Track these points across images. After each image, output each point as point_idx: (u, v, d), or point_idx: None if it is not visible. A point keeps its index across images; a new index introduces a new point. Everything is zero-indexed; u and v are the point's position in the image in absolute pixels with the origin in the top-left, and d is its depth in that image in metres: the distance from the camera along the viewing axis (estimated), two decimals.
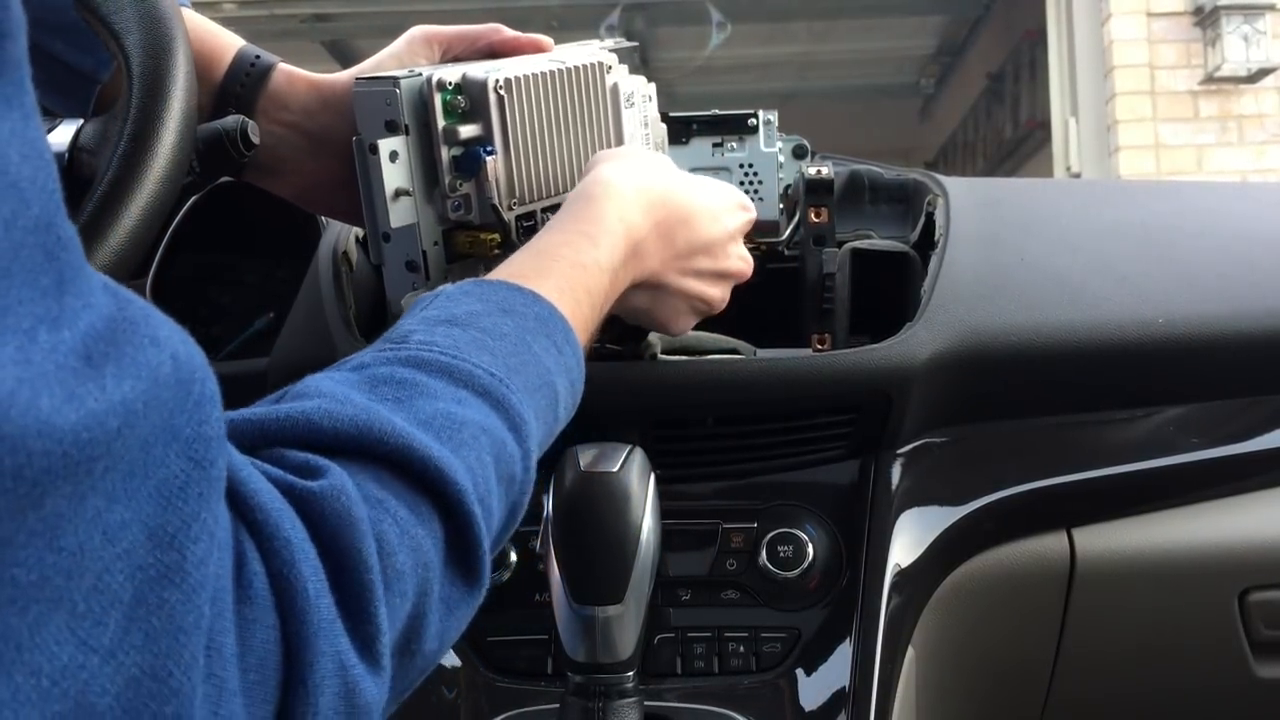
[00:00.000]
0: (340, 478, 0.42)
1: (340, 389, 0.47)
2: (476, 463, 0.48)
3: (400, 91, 0.72)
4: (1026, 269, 0.92)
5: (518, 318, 0.57)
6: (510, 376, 0.52)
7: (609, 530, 0.68)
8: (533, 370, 0.55)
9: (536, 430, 0.54)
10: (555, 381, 0.57)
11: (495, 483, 0.49)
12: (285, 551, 0.38)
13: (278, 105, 0.78)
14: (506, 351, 0.54)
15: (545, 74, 0.76)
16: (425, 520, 0.45)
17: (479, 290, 0.58)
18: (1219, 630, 0.94)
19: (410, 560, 0.43)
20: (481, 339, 0.53)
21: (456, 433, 0.47)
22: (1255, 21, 4.12)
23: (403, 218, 0.74)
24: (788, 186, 0.99)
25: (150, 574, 0.32)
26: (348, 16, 5.81)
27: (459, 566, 0.47)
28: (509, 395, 0.51)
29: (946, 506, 0.87)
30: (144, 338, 0.33)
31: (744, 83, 6.82)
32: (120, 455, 0.31)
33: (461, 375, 0.50)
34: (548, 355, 0.57)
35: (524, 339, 0.55)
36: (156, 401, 0.33)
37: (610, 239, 0.67)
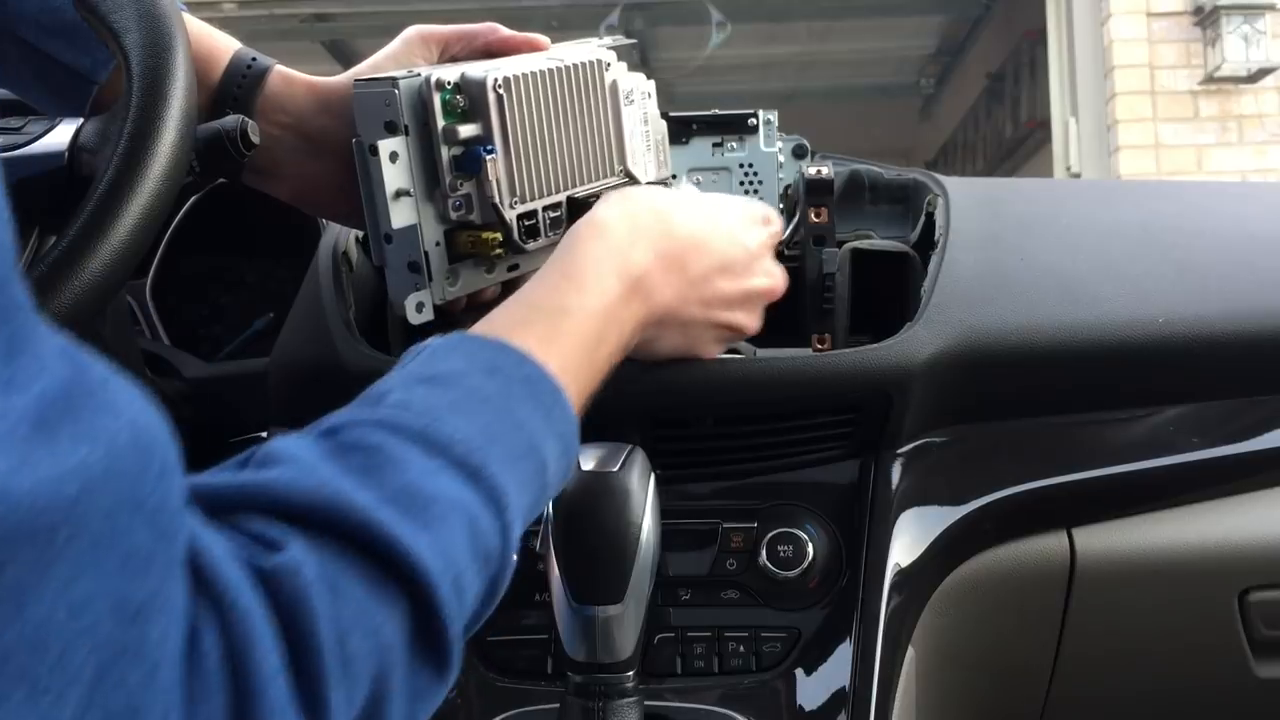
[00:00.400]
0: (300, 554, 0.40)
1: (308, 456, 0.45)
2: (447, 541, 0.46)
3: (399, 92, 0.72)
4: (1026, 269, 0.92)
5: (502, 379, 0.54)
6: (489, 445, 0.50)
7: (609, 530, 0.68)
8: (516, 437, 0.52)
9: (519, 500, 0.51)
10: (542, 447, 0.54)
11: (469, 560, 0.47)
12: (241, 627, 0.37)
13: (275, 107, 0.78)
14: (487, 417, 0.51)
15: (544, 72, 0.76)
16: (387, 604, 0.43)
17: (465, 346, 0.56)
18: (1219, 630, 0.94)
19: (366, 645, 0.42)
20: (461, 402, 0.51)
21: (426, 509, 0.45)
22: (1255, 21, 4.12)
23: (404, 218, 0.74)
24: (788, 186, 0.99)
25: (112, 651, 0.32)
26: (348, 16, 5.81)
27: (425, 652, 0.45)
28: (485, 466, 0.49)
29: (946, 506, 0.87)
30: (101, 404, 0.33)
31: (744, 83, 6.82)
32: (83, 524, 0.31)
33: (436, 443, 0.48)
34: (533, 419, 0.54)
35: (508, 403, 0.53)
36: (116, 470, 0.32)
37: (598, 281, 0.64)
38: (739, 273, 0.74)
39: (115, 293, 0.63)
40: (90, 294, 0.60)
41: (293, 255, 1.05)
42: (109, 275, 0.60)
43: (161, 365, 0.99)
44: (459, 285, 0.77)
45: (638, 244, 0.68)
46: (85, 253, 0.59)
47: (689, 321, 0.73)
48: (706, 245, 0.71)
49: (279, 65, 0.79)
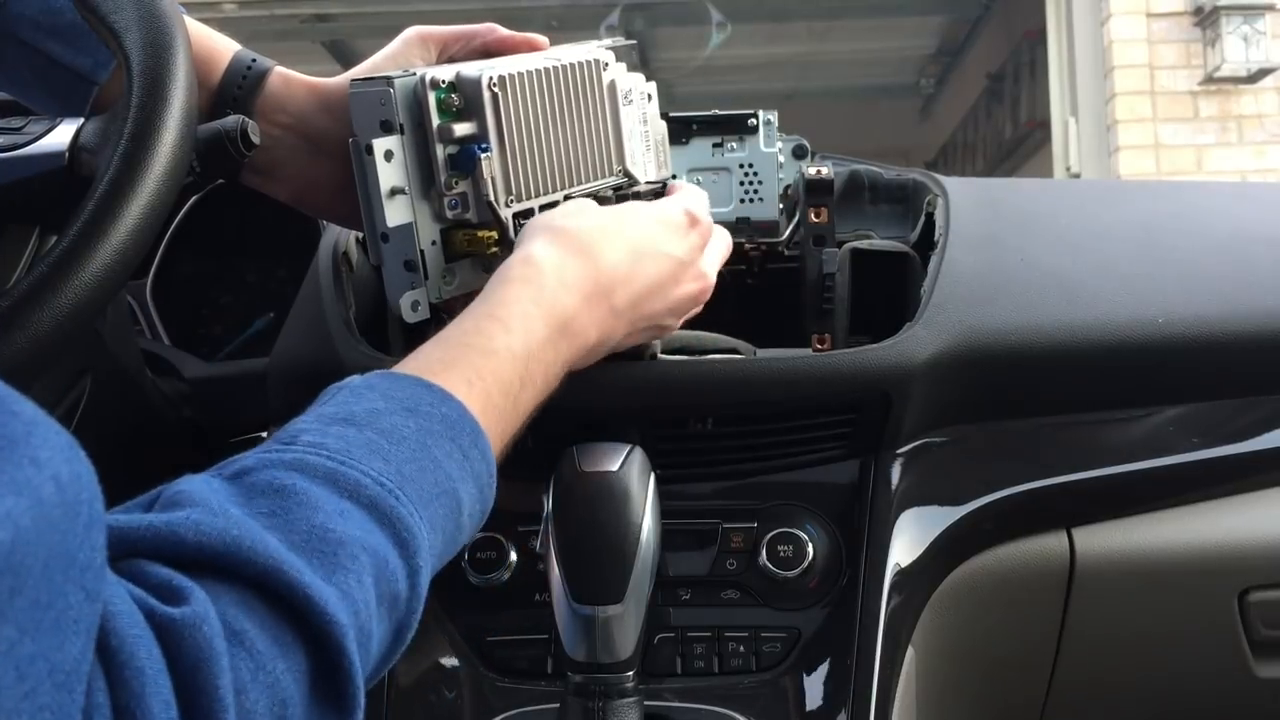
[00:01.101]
0: (203, 605, 0.40)
1: (215, 498, 0.45)
2: (355, 585, 0.45)
3: (394, 91, 0.72)
4: (1026, 269, 0.93)
5: (421, 418, 0.54)
6: (403, 486, 0.50)
7: (609, 530, 0.68)
8: (431, 477, 0.52)
9: (430, 542, 0.51)
10: (458, 489, 0.54)
11: (375, 605, 0.47)
12: (135, 683, 0.36)
13: (275, 108, 0.78)
14: (403, 458, 0.51)
15: (540, 71, 0.76)
16: (288, 653, 0.43)
17: (384, 385, 0.55)
18: (1219, 630, 0.94)
19: (265, 699, 0.41)
20: (376, 442, 0.51)
21: (333, 554, 0.45)
22: (1255, 22, 4.12)
23: (399, 216, 0.74)
24: (788, 186, 0.99)
25: (47, 717, 0.31)
26: (348, 16, 5.81)
27: (327, 702, 0.44)
28: (397, 508, 0.49)
29: (946, 506, 0.87)
30: (22, 457, 0.32)
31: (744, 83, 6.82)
32: (23, 578, 0.30)
33: (347, 484, 0.48)
34: (450, 460, 0.54)
35: (424, 442, 0.53)
36: (45, 522, 0.32)
37: (524, 322, 0.64)
38: (666, 287, 0.73)
39: (116, 292, 0.63)
40: (91, 294, 0.60)
41: (293, 255, 1.05)
42: (109, 275, 0.60)
43: (161, 365, 0.99)
44: (456, 284, 0.77)
45: (566, 286, 0.67)
46: (85, 253, 0.59)
47: (615, 345, 0.73)
48: (634, 274, 0.71)
49: (279, 66, 0.79)
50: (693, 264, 0.75)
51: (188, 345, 1.09)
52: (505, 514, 0.83)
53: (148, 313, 1.10)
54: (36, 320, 0.59)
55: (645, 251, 0.72)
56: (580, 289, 0.68)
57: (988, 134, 6.67)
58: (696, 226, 0.76)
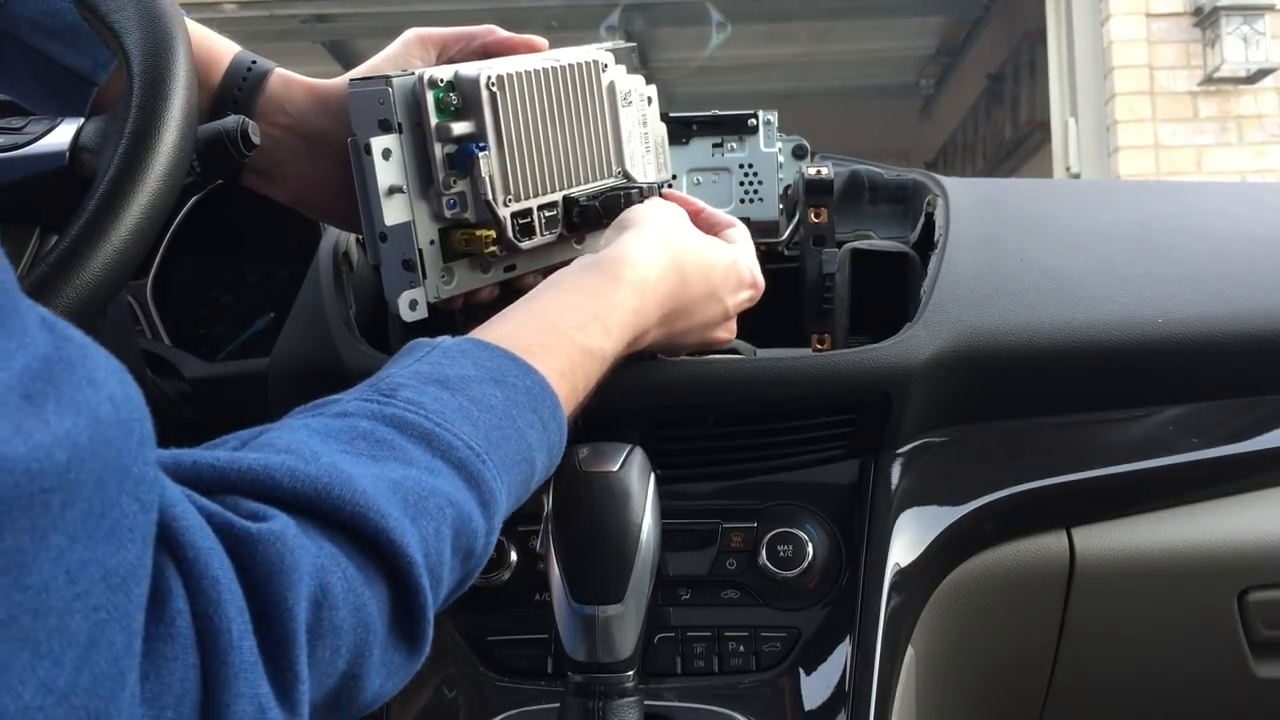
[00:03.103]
0: (284, 525, 0.42)
1: (312, 442, 0.47)
2: (434, 535, 0.48)
3: (393, 90, 0.73)
4: (1026, 269, 0.93)
5: (508, 389, 0.56)
6: (490, 451, 0.53)
7: (609, 530, 0.68)
8: (514, 445, 0.55)
9: (507, 505, 0.54)
10: (535, 458, 0.57)
11: (450, 555, 0.49)
12: (213, 591, 0.38)
13: (275, 109, 0.78)
14: (491, 425, 0.54)
15: (538, 71, 0.76)
16: (373, 583, 0.45)
17: (476, 352, 0.58)
18: (1218, 630, 0.94)
19: (351, 619, 0.44)
20: (468, 408, 0.53)
21: (422, 502, 0.48)
22: (1255, 22, 4.12)
23: (397, 215, 0.74)
24: (788, 186, 0.99)
25: (102, 616, 0.33)
26: (348, 17, 5.81)
27: (402, 633, 0.47)
28: (484, 471, 0.52)
29: (946, 506, 0.87)
30: (81, 378, 0.33)
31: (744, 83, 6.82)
32: (76, 492, 0.32)
33: (441, 444, 0.51)
34: (532, 431, 0.57)
35: (510, 413, 0.56)
36: (102, 440, 0.33)
37: (622, 331, 0.67)
38: (709, 329, 0.77)
39: (116, 292, 0.63)
40: (91, 294, 0.60)
41: (293, 255, 1.05)
42: (110, 275, 0.60)
43: (161, 365, 0.99)
44: (454, 284, 0.77)
45: (660, 303, 0.70)
46: (86, 252, 0.59)
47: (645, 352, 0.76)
48: (696, 308, 0.74)
49: (279, 68, 0.79)
50: (732, 318, 0.79)
51: (188, 345, 1.09)
52: None
53: (148, 313, 1.10)
54: None
55: (715, 293, 0.75)
56: (663, 309, 0.71)
57: (987, 134, 6.67)
58: (754, 288, 0.79)
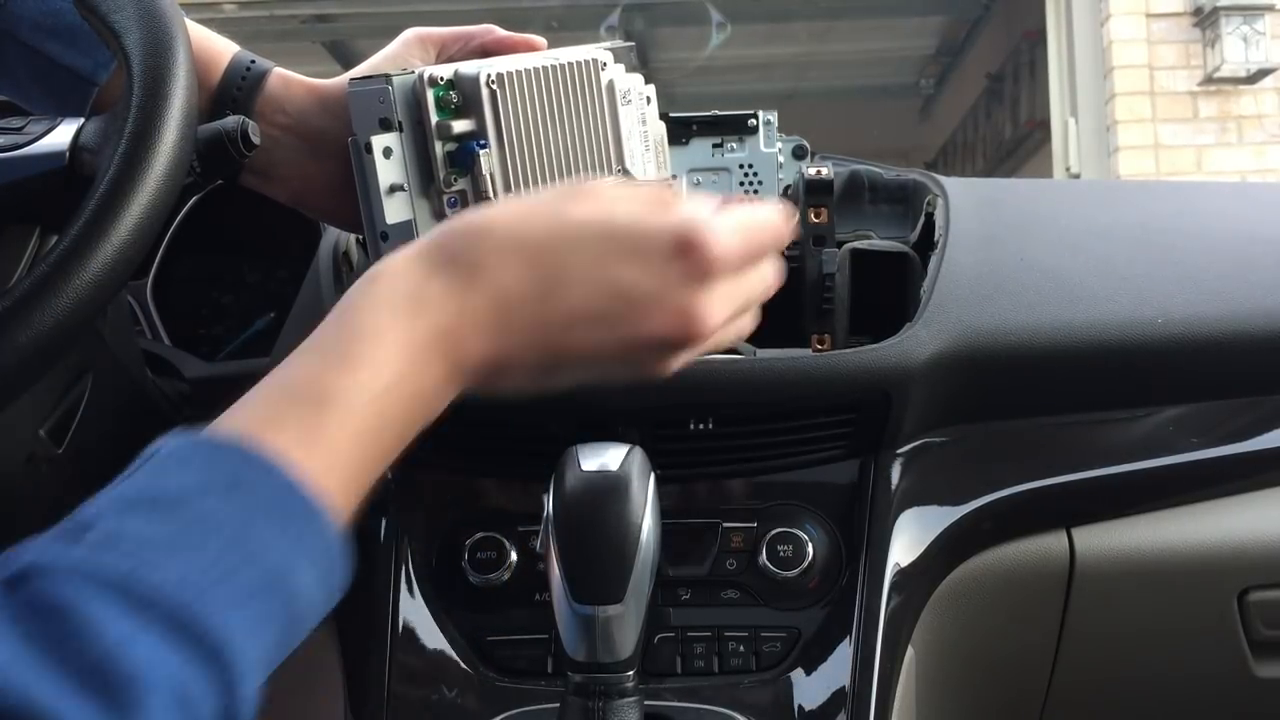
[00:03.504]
0: None
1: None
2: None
3: (393, 89, 0.73)
4: (1026, 269, 0.93)
5: (241, 497, 0.46)
6: (213, 588, 0.43)
7: (609, 530, 0.68)
8: (251, 571, 0.45)
9: (252, 645, 0.44)
10: (292, 576, 0.47)
11: None
12: None
13: (274, 109, 0.78)
14: (217, 549, 0.44)
15: (537, 69, 0.76)
16: None
17: (203, 455, 0.48)
18: (1218, 630, 0.94)
19: None
20: (184, 534, 0.44)
21: (123, 692, 0.39)
22: (1255, 22, 4.12)
23: (399, 214, 0.74)
24: (788, 187, 0.99)
25: None
26: (348, 17, 5.81)
27: None
28: (202, 618, 0.42)
29: (946, 506, 0.87)
30: None
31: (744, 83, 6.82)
32: None
33: (141, 596, 0.41)
34: (280, 544, 0.46)
35: (244, 529, 0.46)
36: None
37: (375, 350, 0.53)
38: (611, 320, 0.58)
39: (116, 292, 0.63)
40: (91, 294, 0.60)
41: (294, 256, 1.05)
42: (110, 275, 0.60)
43: (161, 365, 0.99)
44: None
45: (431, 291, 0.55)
46: (86, 252, 0.59)
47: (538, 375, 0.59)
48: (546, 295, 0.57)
49: (278, 68, 0.80)
50: (666, 298, 0.58)
51: (188, 345, 1.09)
52: (505, 514, 0.84)
53: (148, 313, 1.10)
54: (38, 320, 0.59)
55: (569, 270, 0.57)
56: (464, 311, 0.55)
57: (987, 134, 6.67)
58: (689, 256, 0.57)
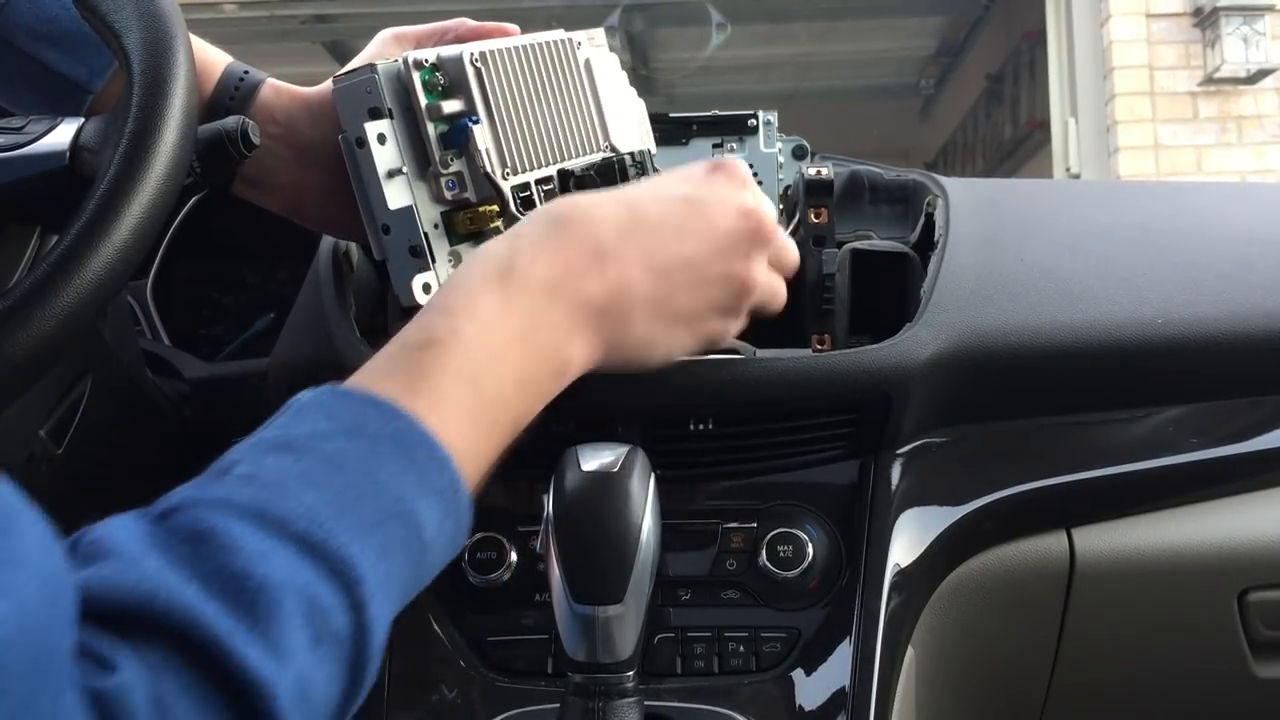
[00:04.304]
0: (129, 675, 0.39)
1: (135, 547, 0.43)
2: (281, 634, 0.43)
3: (379, 77, 0.73)
4: (1026, 269, 0.93)
5: (365, 440, 0.51)
6: (338, 516, 0.47)
7: (609, 530, 0.68)
8: (376, 502, 0.49)
9: (380, 569, 0.48)
10: (414, 508, 0.51)
11: (309, 649, 0.44)
12: None
13: (266, 118, 0.78)
14: (342, 484, 0.48)
15: (517, 48, 0.77)
16: (211, 712, 0.40)
17: (330, 404, 0.53)
18: (1218, 630, 0.94)
19: None
20: (313, 472, 0.48)
21: (256, 600, 0.43)
22: (1255, 22, 4.13)
23: (399, 199, 0.74)
24: (788, 187, 0.99)
25: None
26: (348, 17, 5.82)
27: None
28: (329, 540, 0.46)
29: (946, 506, 0.87)
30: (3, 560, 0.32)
31: (744, 83, 6.82)
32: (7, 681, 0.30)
33: (274, 521, 0.45)
34: (400, 481, 0.50)
35: (368, 466, 0.50)
36: (29, 625, 0.32)
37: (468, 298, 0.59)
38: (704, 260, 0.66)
39: (116, 292, 0.63)
40: (91, 294, 0.60)
41: (294, 256, 1.05)
42: (110, 275, 0.60)
43: (161, 365, 0.99)
44: None
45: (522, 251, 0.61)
46: (86, 252, 0.59)
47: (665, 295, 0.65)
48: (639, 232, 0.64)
49: (270, 78, 0.80)
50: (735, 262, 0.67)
51: (188, 345, 1.09)
52: (505, 514, 0.84)
53: (148, 313, 1.10)
54: (38, 320, 0.59)
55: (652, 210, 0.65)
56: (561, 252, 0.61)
57: (987, 134, 6.68)
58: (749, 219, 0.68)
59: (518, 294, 0.60)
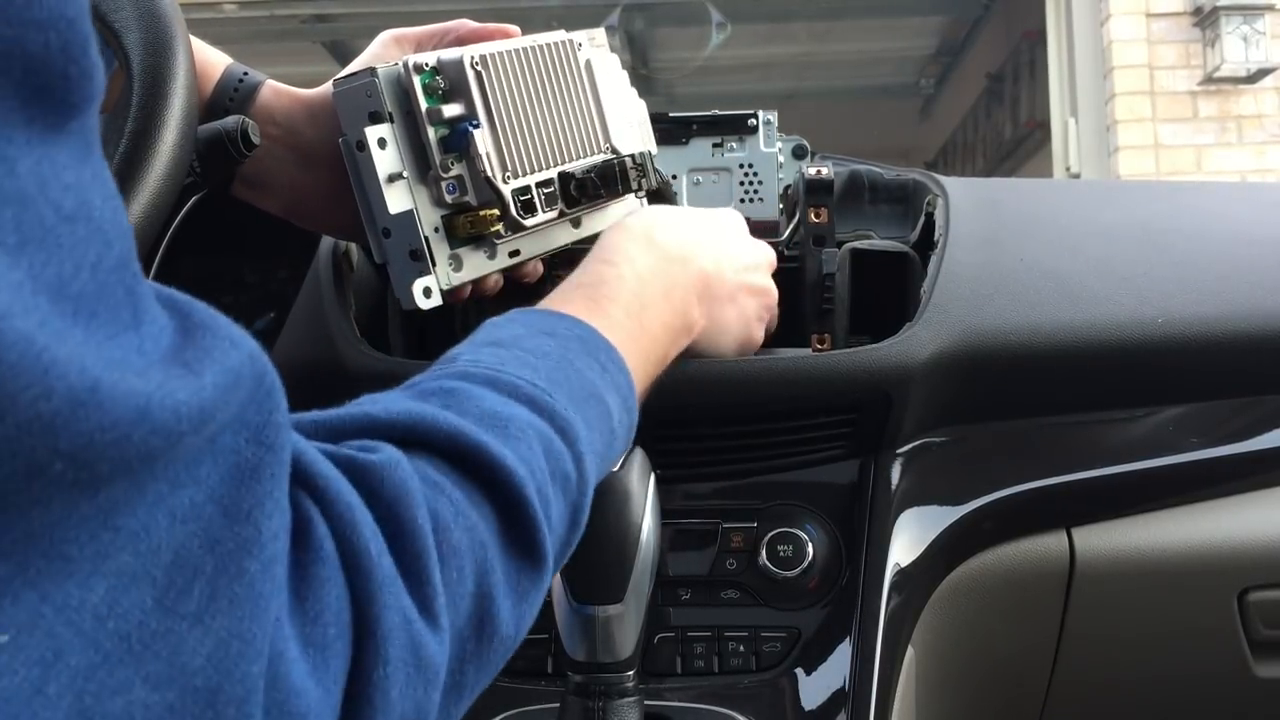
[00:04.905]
0: (396, 454, 0.44)
1: (394, 396, 0.51)
2: (527, 452, 0.49)
3: (379, 80, 0.73)
4: (1026, 269, 0.93)
5: (559, 339, 0.59)
6: (553, 388, 0.54)
7: (609, 530, 0.68)
8: (577, 383, 0.57)
9: (588, 437, 0.55)
10: (604, 396, 0.58)
11: (548, 476, 0.51)
12: (348, 515, 0.40)
13: (266, 119, 0.78)
14: (549, 367, 0.56)
15: (518, 50, 0.77)
16: (479, 504, 0.47)
17: (522, 317, 0.62)
18: (1218, 629, 0.94)
19: (466, 539, 0.45)
20: (524, 357, 0.56)
21: (505, 426, 0.49)
22: (1255, 22, 4.12)
23: (400, 203, 0.74)
24: (788, 187, 0.99)
25: (229, 547, 0.35)
26: (348, 17, 5.81)
27: (519, 549, 0.48)
28: (552, 403, 0.53)
29: (946, 506, 0.87)
30: (223, 340, 0.36)
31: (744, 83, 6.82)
32: (188, 445, 0.33)
33: (505, 385, 0.53)
34: (591, 371, 0.58)
35: (565, 356, 0.58)
36: (234, 396, 0.35)
37: (625, 253, 0.70)
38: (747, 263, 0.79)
39: None
40: None
41: (294, 256, 1.05)
42: None
43: None
44: (464, 271, 0.77)
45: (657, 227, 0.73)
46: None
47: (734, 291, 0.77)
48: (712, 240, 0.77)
49: (270, 80, 0.80)
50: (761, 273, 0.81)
51: None
52: None
53: None
54: None
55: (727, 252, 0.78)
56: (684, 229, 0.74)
57: (987, 134, 6.67)
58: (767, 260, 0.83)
59: (660, 256, 0.71)
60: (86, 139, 0.32)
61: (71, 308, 0.30)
